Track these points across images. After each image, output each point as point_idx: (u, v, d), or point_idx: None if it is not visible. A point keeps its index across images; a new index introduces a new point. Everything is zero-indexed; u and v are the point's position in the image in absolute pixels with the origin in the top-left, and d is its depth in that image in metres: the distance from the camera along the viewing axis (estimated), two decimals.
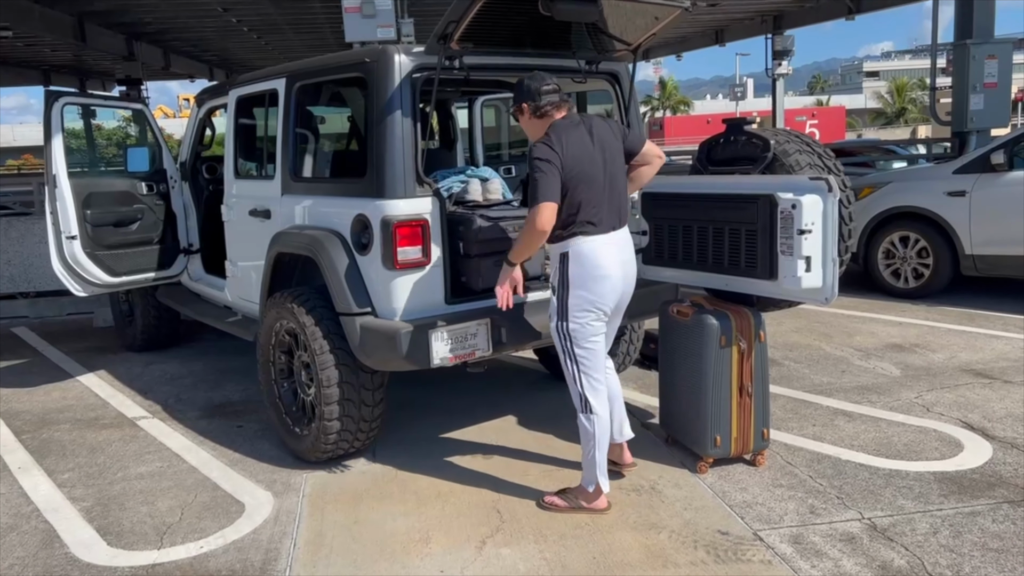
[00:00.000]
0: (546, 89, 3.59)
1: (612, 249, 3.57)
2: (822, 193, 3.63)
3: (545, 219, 3.38)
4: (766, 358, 4.11)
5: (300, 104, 4.56)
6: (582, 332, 3.57)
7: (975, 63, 9.47)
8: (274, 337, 4.47)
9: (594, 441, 3.63)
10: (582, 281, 3.52)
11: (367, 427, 4.24)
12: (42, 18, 15.98)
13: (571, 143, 3.49)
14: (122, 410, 5.43)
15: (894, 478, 3.95)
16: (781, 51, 23.36)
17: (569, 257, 3.53)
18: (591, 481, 3.68)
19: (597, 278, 3.53)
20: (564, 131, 3.53)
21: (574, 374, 3.62)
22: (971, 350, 6.03)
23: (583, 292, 3.53)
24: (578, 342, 3.58)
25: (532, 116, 3.61)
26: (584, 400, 3.63)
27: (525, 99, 3.61)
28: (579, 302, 3.54)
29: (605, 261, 3.54)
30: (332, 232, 4.14)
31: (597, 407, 3.62)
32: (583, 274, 3.52)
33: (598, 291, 3.55)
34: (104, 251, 5.49)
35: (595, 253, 3.52)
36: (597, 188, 3.53)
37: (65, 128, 5.39)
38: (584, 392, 3.62)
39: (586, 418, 3.63)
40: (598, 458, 3.64)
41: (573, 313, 3.55)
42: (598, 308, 3.58)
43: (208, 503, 3.98)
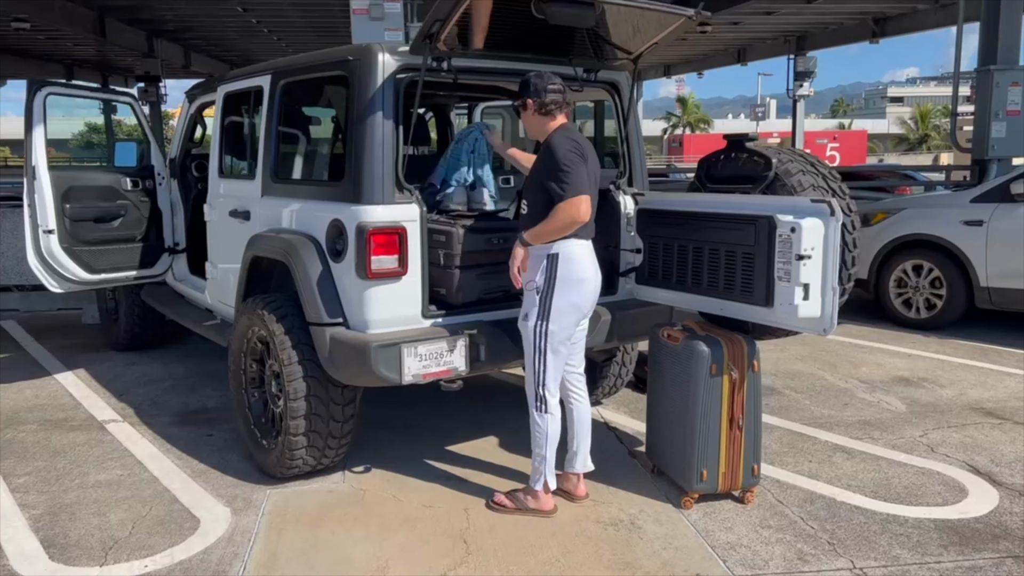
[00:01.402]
0: (552, 88, 3.60)
1: (591, 253, 3.67)
2: (824, 217, 3.40)
3: (583, 212, 3.45)
4: (759, 389, 3.87)
5: (284, 102, 4.37)
6: (558, 336, 3.60)
7: (998, 90, 9.18)
8: (246, 344, 4.27)
9: (546, 440, 3.68)
10: (569, 283, 3.56)
11: (336, 444, 4.03)
12: (62, 11, 16.01)
13: (587, 147, 3.59)
14: (93, 412, 5.25)
15: (891, 524, 3.69)
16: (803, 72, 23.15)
17: (559, 259, 3.55)
18: (538, 479, 3.73)
19: (582, 280, 3.60)
20: (578, 133, 3.65)
21: (539, 374, 3.63)
22: (982, 387, 5.75)
23: (569, 294, 3.57)
24: (552, 344, 3.60)
25: (535, 113, 3.63)
26: (542, 399, 3.66)
27: (531, 95, 3.61)
28: (563, 304, 3.57)
29: (588, 264, 3.63)
30: (307, 237, 3.95)
31: (553, 407, 3.68)
32: (570, 276, 3.56)
33: (583, 293, 3.62)
34: (82, 247, 5.32)
35: (582, 257, 3.60)
36: (593, 198, 3.57)
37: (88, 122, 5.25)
38: (543, 392, 3.65)
39: (540, 417, 3.68)
40: (548, 456, 3.70)
41: (555, 315, 3.57)
42: (579, 310, 3.65)
43: (162, 517, 3.77)
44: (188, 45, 23.69)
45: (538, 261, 3.57)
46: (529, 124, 3.70)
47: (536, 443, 3.73)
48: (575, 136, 3.58)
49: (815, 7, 17.00)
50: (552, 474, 3.75)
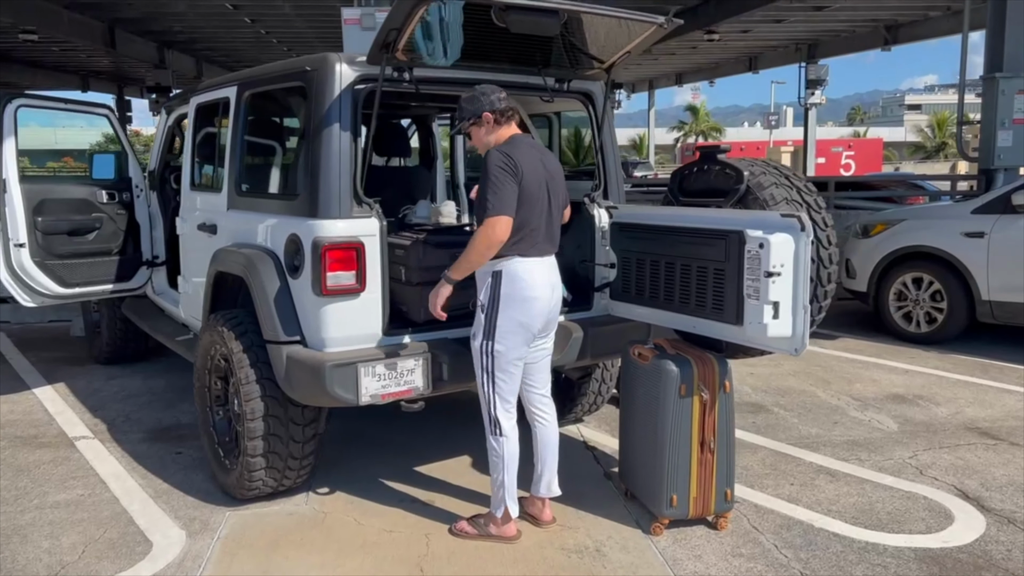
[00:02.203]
0: (500, 96, 3.48)
1: (543, 269, 3.48)
2: (794, 232, 3.25)
3: (499, 233, 3.27)
4: (731, 410, 3.72)
5: (248, 114, 4.28)
6: (506, 356, 3.44)
7: (1004, 97, 8.97)
8: (210, 361, 4.18)
9: (503, 464, 3.53)
10: (513, 302, 3.40)
11: (297, 465, 3.92)
12: (71, 23, 16.12)
13: (527, 160, 3.39)
14: (66, 428, 5.17)
15: (869, 553, 3.52)
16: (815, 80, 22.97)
17: (502, 276, 3.40)
18: (499, 505, 3.58)
19: (528, 299, 3.42)
20: (523, 147, 3.44)
21: (489, 396, 3.49)
22: (979, 405, 5.55)
23: (514, 313, 3.41)
24: (500, 365, 3.45)
25: (495, 124, 3.47)
26: (495, 422, 3.51)
27: (486, 108, 3.44)
28: (508, 324, 3.41)
29: (537, 281, 3.44)
30: (266, 252, 3.85)
31: (507, 429, 3.51)
32: (514, 295, 3.40)
33: (529, 312, 3.44)
34: (55, 260, 5.25)
35: (529, 274, 3.42)
36: (541, 212, 3.44)
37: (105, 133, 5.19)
38: (496, 414, 3.50)
39: (495, 440, 3.52)
40: (506, 481, 3.54)
41: (501, 334, 3.42)
42: (527, 330, 3.46)
43: (115, 540, 3.67)
44: (199, 56, 23.85)
45: (483, 278, 3.44)
46: (487, 140, 3.48)
47: (494, 467, 3.56)
48: (515, 149, 3.37)
49: (825, 14, 16.85)
50: (513, 499, 3.59)
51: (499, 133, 3.48)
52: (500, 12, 3.40)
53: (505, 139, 3.47)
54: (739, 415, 5.23)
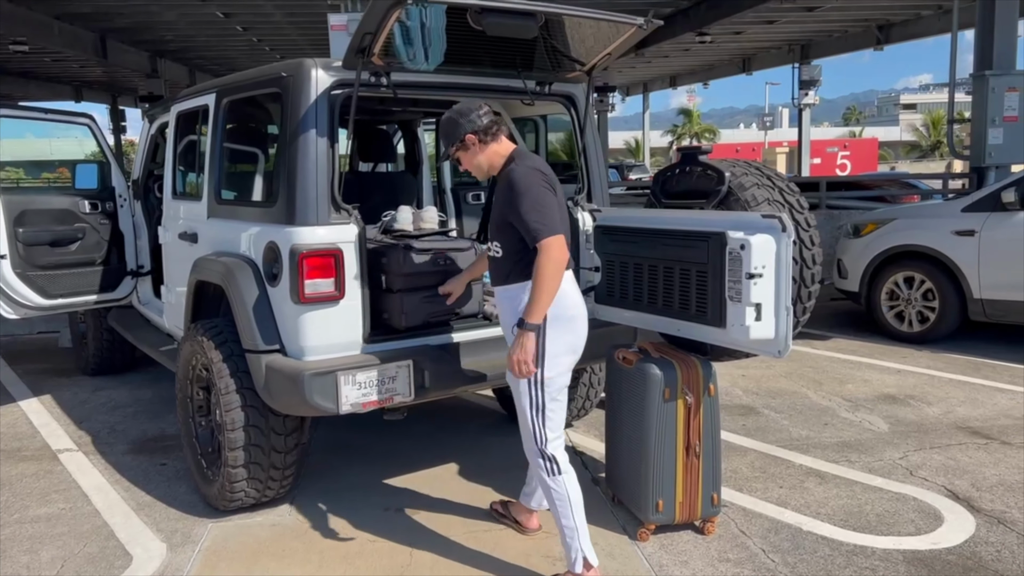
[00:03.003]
0: (482, 111, 3.22)
1: (575, 286, 3.24)
2: (775, 233, 3.21)
3: (561, 253, 2.97)
4: (717, 414, 3.68)
5: (227, 121, 4.25)
6: (556, 383, 3.12)
7: (994, 95, 8.96)
8: (191, 371, 4.13)
9: (570, 507, 3.11)
10: (561, 322, 3.09)
11: (279, 475, 3.87)
12: (62, 33, 16.08)
13: (553, 177, 3.16)
14: (50, 441, 5.13)
15: (857, 556, 3.48)
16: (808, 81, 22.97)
17: None
18: (576, 559, 3.12)
19: (575, 317, 3.16)
20: (538, 159, 3.24)
21: (539, 432, 3.12)
22: (971, 404, 5.52)
23: (563, 334, 3.11)
24: (551, 393, 3.11)
25: (481, 144, 3.20)
26: (551, 460, 3.13)
27: (468, 131, 3.17)
28: (559, 347, 3.10)
29: (577, 297, 3.19)
30: (245, 261, 3.81)
31: (566, 465, 3.14)
32: (562, 314, 3.09)
33: (577, 331, 3.18)
34: (37, 271, 5.21)
35: (569, 291, 3.14)
36: (565, 223, 3.17)
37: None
38: (549, 450, 3.12)
39: (554, 481, 3.12)
40: (579, 525, 3.12)
41: (551, 359, 3.08)
42: (576, 351, 3.20)
43: (95, 555, 3.62)
44: (192, 64, 23.84)
45: (520, 302, 3.08)
46: (482, 161, 3.22)
47: (559, 513, 3.13)
48: (539, 165, 3.14)
49: (817, 15, 16.84)
50: (589, 545, 3.15)
51: (491, 150, 3.20)
52: (476, 15, 3.37)
53: (507, 154, 3.20)
54: (729, 417, 5.20)
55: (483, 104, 3.26)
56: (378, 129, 5.80)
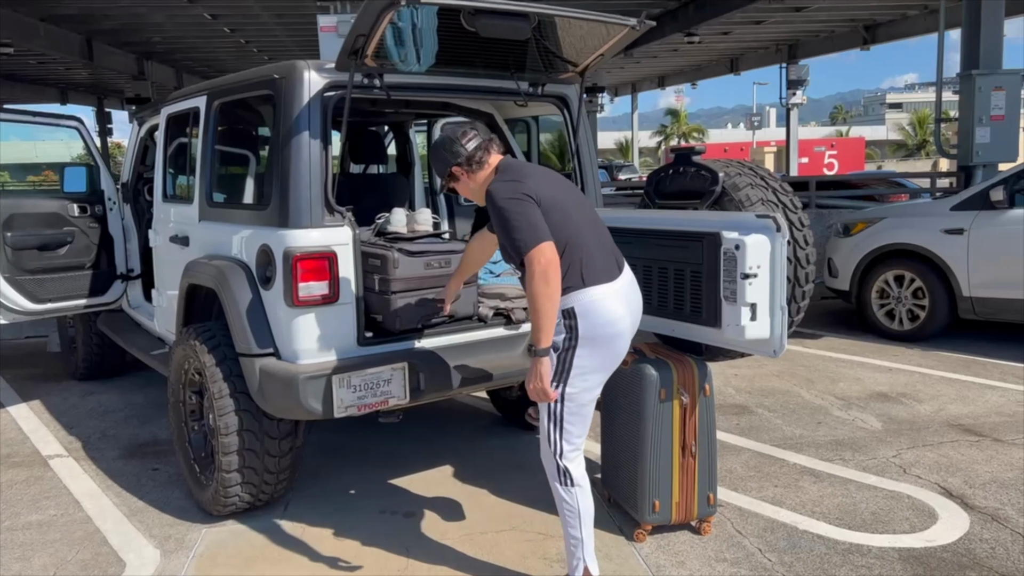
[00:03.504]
0: (467, 138, 3.02)
1: (618, 298, 2.96)
2: (770, 233, 3.23)
3: (547, 260, 2.74)
4: (712, 414, 3.68)
5: (218, 124, 4.22)
6: (579, 399, 2.97)
7: (981, 94, 9.01)
8: (184, 375, 4.11)
9: (577, 518, 3.02)
10: (592, 341, 2.91)
11: (273, 479, 3.85)
12: (47, 35, 15.95)
13: (532, 174, 3.00)
14: (40, 447, 5.08)
15: (853, 554, 3.49)
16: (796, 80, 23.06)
17: (575, 313, 2.88)
18: (576, 567, 3.07)
19: (610, 336, 2.94)
20: (522, 165, 3.14)
21: (555, 442, 3.00)
22: (962, 402, 5.54)
23: (594, 352, 2.93)
24: (571, 408, 2.97)
25: (469, 174, 3.04)
26: (563, 471, 3.01)
27: (453, 163, 3.02)
28: (588, 365, 2.94)
29: (616, 313, 2.93)
30: (238, 264, 3.78)
31: (579, 477, 3.02)
32: (593, 334, 2.90)
33: (615, 348, 2.98)
34: (26, 276, 5.16)
35: (605, 308, 2.91)
36: (580, 226, 2.95)
37: None
38: (563, 462, 3.00)
39: (566, 491, 3.02)
40: (584, 537, 3.04)
41: (576, 375, 2.93)
42: (610, 368, 3.03)
43: (88, 561, 3.59)
44: (179, 66, 23.71)
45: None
46: (472, 190, 3.09)
47: (567, 523, 3.06)
48: (517, 174, 2.97)
49: (805, 15, 16.92)
50: (593, 558, 3.08)
51: (481, 176, 3.04)
52: (469, 16, 3.36)
53: (490, 175, 3.03)
54: (723, 416, 5.21)
55: (468, 130, 3.06)
56: (369, 130, 5.78)
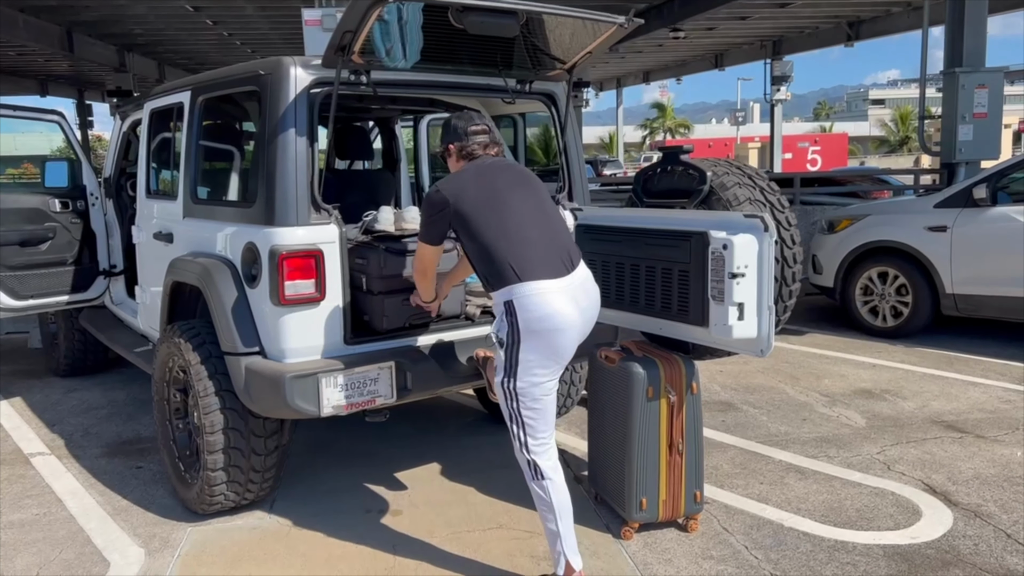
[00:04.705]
0: (474, 129, 3.25)
1: (563, 296, 3.01)
2: (757, 233, 3.23)
3: (418, 258, 3.29)
4: (699, 412, 3.69)
5: (203, 120, 4.18)
6: (530, 393, 3.03)
7: (964, 92, 9.07)
8: (168, 373, 4.07)
9: (553, 512, 3.07)
10: (533, 335, 2.97)
11: (259, 478, 3.83)
12: (27, 27, 15.73)
13: (468, 181, 3.15)
14: (21, 444, 5.03)
15: (838, 551, 3.52)
16: (780, 76, 23.15)
17: (515, 307, 2.96)
18: (558, 561, 3.12)
19: (550, 331, 2.98)
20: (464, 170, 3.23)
21: (520, 437, 3.08)
22: (945, 398, 5.59)
23: (537, 345, 2.99)
24: (526, 403, 3.04)
25: (459, 158, 3.27)
26: (534, 466, 3.08)
27: (452, 140, 3.27)
28: (530, 358, 2.99)
29: (558, 310, 2.98)
30: (223, 262, 3.75)
31: (549, 470, 3.08)
32: (533, 327, 2.97)
33: (554, 344, 3.01)
34: (6, 272, 5.10)
35: (546, 303, 2.96)
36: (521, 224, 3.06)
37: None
38: (532, 457, 3.07)
39: (538, 486, 3.08)
40: (561, 531, 3.09)
41: (524, 370, 3.00)
42: (552, 363, 3.05)
43: (71, 561, 3.56)
44: (161, 59, 23.46)
45: (498, 310, 3.06)
46: (452, 169, 3.31)
47: (543, 517, 3.12)
48: (454, 176, 3.21)
49: (789, 11, 16.97)
50: (573, 551, 3.11)
51: (453, 164, 3.30)
52: (457, 13, 3.34)
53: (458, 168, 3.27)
54: (708, 414, 5.23)
55: (479, 124, 3.27)
56: (355, 126, 5.75)
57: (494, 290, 3.06)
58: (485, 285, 3.15)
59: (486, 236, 3.04)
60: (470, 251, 3.13)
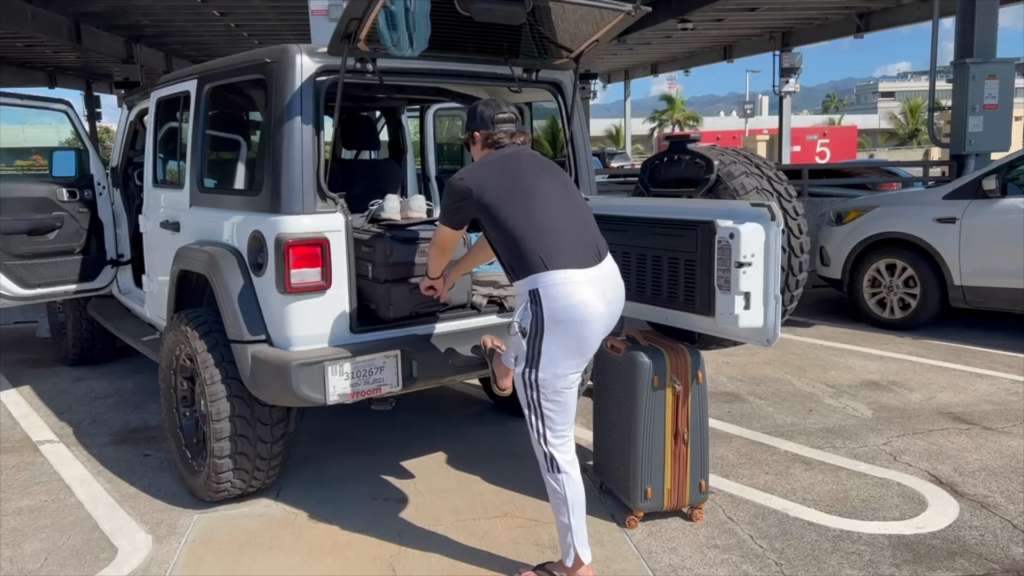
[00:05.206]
0: (501, 117, 3.21)
1: (592, 287, 2.96)
2: (764, 221, 3.22)
3: (436, 240, 3.34)
4: (705, 401, 3.69)
5: (209, 108, 4.19)
6: (552, 384, 2.97)
7: (974, 83, 9.02)
8: (175, 361, 4.08)
9: (567, 506, 3.05)
10: (558, 326, 2.92)
11: (265, 466, 3.84)
12: (35, 18, 15.75)
13: (491, 170, 3.12)
14: (30, 432, 5.06)
15: (843, 541, 3.51)
16: (789, 68, 23.04)
17: (541, 296, 2.92)
18: (567, 552, 3.10)
19: (576, 322, 2.93)
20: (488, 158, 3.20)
21: (538, 429, 3.03)
22: (952, 390, 5.57)
23: (561, 338, 2.93)
24: (546, 394, 2.98)
25: (483, 146, 3.23)
26: (549, 458, 3.04)
27: (478, 127, 3.23)
28: (556, 349, 2.94)
29: (584, 302, 2.93)
30: (229, 250, 3.76)
31: (565, 465, 3.04)
32: (559, 318, 2.92)
33: (580, 336, 2.95)
34: (15, 261, 5.12)
35: (573, 294, 2.92)
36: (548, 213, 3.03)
37: None
38: (550, 449, 3.03)
39: (553, 479, 3.05)
40: (573, 524, 3.06)
41: (547, 361, 2.94)
42: (577, 355, 2.99)
43: (79, 547, 3.58)
44: (169, 50, 23.48)
45: (521, 298, 3.01)
46: (476, 157, 3.28)
47: (556, 510, 3.09)
48: (477, 164, 3.18)
49: (798, 2, 16.89)
50: (584, 544, 3.09)
51: (477, 152, 3.27)
52: (463, 1, 3.34)
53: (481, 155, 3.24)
54: (714, 404, 5.23)
55: (506, 112, 3.24)
56: (361, 116, 5.74)
57: (519, 278, 3.01)
58: (509, 274, 3.10)
59: (511, 225, 3.00)
60: (495, 241, 3.09)
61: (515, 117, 3.27)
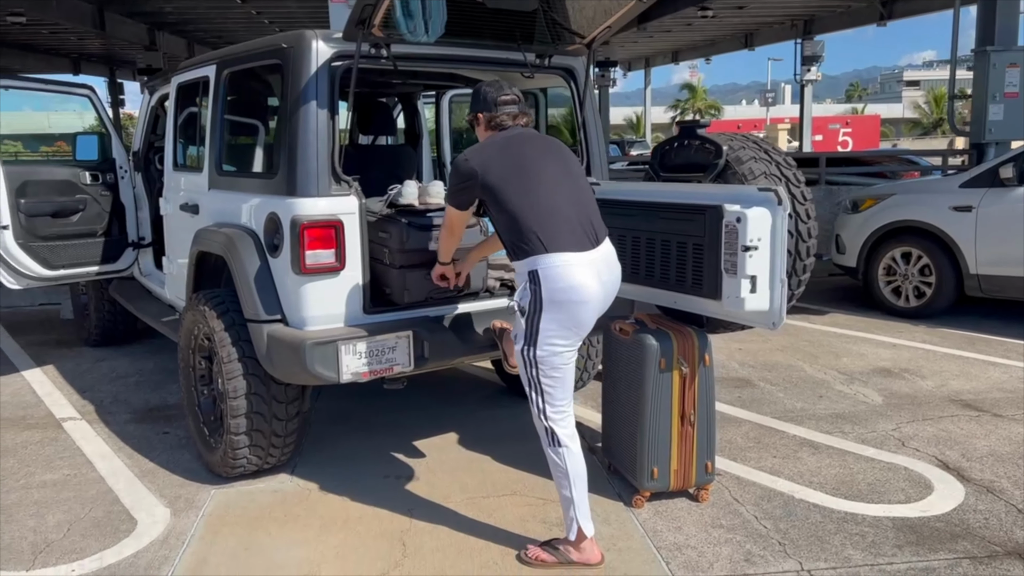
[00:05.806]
0: (504, 99, 3.26)
1: (588, 269, 3.07)
2: (771, 206, 3.25)
3: (447, 217, 3.34)
4: (711, 383, 3.73)
5: (228, 93, 4.27)
6: (550, 361, 3.09)
7: (995, 71, 8.93)
8: (193, 340, 4.18)
9: (568, 479, 3.15)
10: (556, 305, 3.03)
11: (281, 443, 3.94)
12: (60, 5, 15.91)
13: (495, 151, 3.18)
14: (53, 410, 5.19)
15: (847, 523, 3.56)
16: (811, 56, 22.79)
17: (539, 277, 3.02)
18: (570, 527, 3.21)
19: (574, 303, 3.04)
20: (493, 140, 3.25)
21: (538, 404, 3.15)
22: (964, 378, 5.58)
23: (558, 316, 3.04)
24: (545, 371, 3.10)
25: (487, 127, 3.28)
26: (551, 433, 3.15)
27: (481, 109, 3.28)
28: (550, 327, 3.04)
29: (581, 283, 3.03)
30: (246, 232, 3.85)
31: (566, 439, 3.15)
32: (556, 298, 3.02)
33: (576, 316, 3.06)
34: (39, 242, 5.25)
35: (570, 275, 3.02)
36: (552, 195, 3.10)
37: None
38: (550, 424, 3.14)
39: (555, 452, 3.16)
40: (575, 498, 3.16)
41: (544, 338, 3.05)
42: (571, 334, 3.10)
43: (100, 519, 3.70)
44: (191, 37, 23.63)
45: (520, 279, 3.12)
46: (480, 137, 3.33)
47: (558, 483, 3.20)
48: (482, 145, 3.23)
49: None
50: (586, 517, 3.19)
51: (482, 132, 3.31)
52: None
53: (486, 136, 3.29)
54: (725, 389, 5.27)
55: (508, 93, 3.26)
56: (378, 102, 5.81)
57: (519, 259, 3.10)
58: (510, 255, 3.19)
59: (513, 206, 3.08)
60: (497, 221, 3.18)
61: (518, 99, 3.30)
